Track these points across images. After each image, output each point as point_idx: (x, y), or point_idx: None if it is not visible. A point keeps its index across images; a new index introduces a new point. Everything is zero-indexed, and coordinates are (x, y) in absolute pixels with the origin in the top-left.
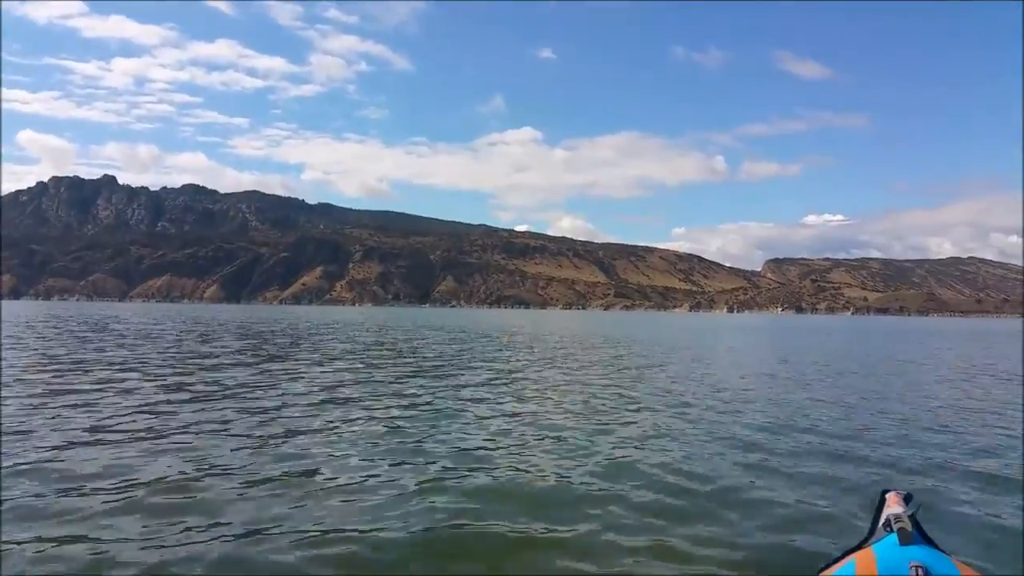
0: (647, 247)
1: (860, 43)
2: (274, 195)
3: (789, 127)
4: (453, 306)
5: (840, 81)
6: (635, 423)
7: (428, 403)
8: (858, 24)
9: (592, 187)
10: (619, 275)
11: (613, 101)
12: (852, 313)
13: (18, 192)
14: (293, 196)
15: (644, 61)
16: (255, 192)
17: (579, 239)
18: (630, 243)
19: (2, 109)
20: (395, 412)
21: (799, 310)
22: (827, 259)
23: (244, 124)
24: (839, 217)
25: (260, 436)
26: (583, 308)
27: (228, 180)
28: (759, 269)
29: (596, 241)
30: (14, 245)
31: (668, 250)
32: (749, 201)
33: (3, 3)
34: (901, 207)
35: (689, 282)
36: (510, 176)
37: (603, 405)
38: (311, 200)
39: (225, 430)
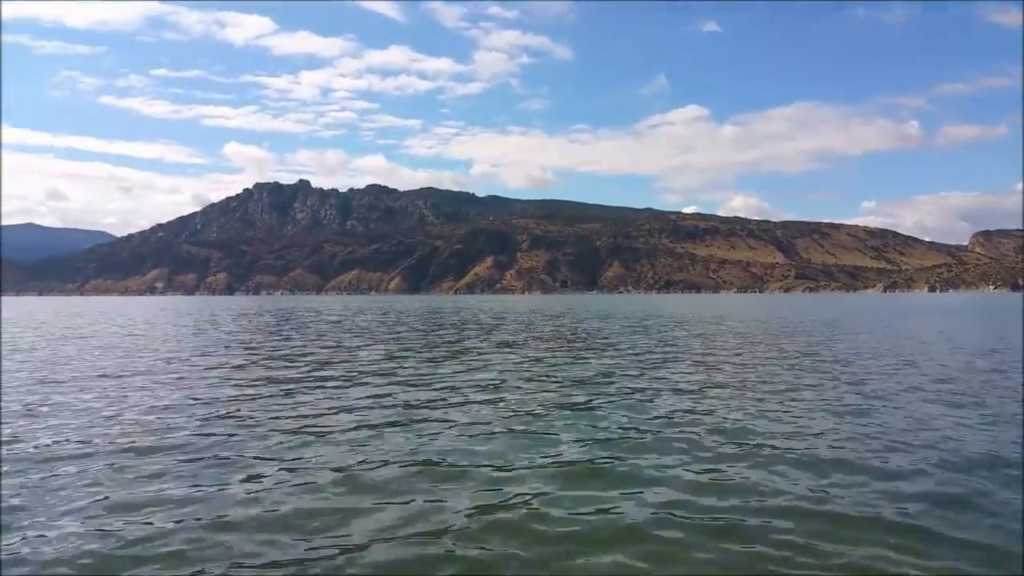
0: (832, 224)
1: None
2: (447, 190)
3: (993, 84)
4: (620, 292)
5: None
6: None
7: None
8: None
9: (764, 163)
10: (800, 255)
11: (784, 71)
12: None
13: (228, 199)
14: (464, 190)
15: (819, 25)
16: (430, 188)
17: (753, 218)
18: (812, 220)
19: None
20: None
21: (1016, 287)
22: None
23: (417, 125)
24: None
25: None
26: (760, 291)
27: (404, 178)
28: (965, 243)
29: (772, 220)
30: (227, 246)
31: (857, 226)
32: (949, 169)
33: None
34: None
35: (882, 260)
36: (675, 157)
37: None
38: (480, 193)
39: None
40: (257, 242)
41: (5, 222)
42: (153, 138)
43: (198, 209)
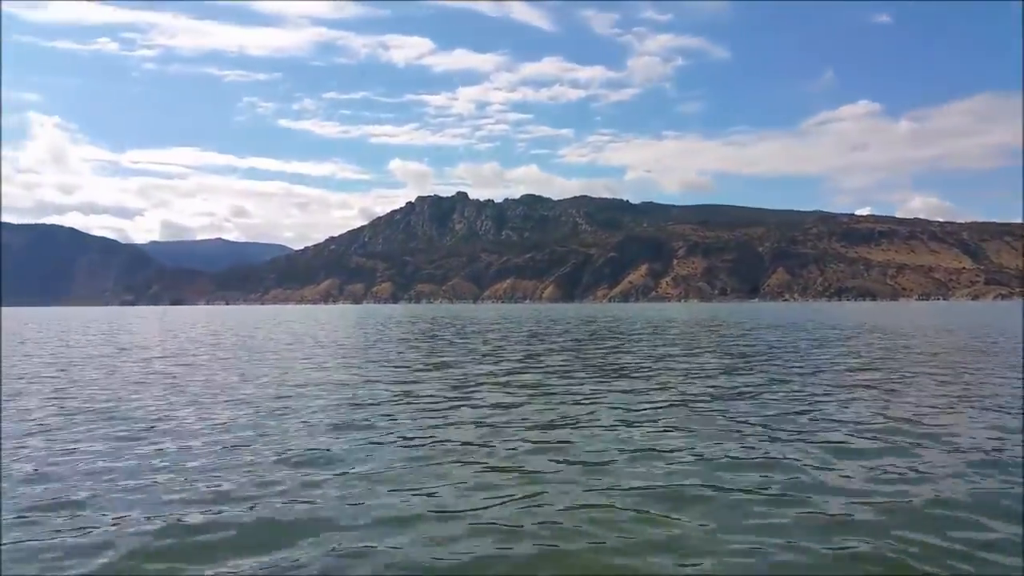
0: None
1: None
2: (600, 198)
3: None
4: (786, 300)
5: None
6: None
7: None
8: None
9: (945, 160)
10: (990, 258)
11: (965, 61)
12: None
13: (393, 212)
14: (617, 197)
15: (1003, 8)
16: (584, 197)
17: (935, 219)
18: (1003, 220)
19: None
20: None
21: None
22: None
23: (569, 134)
24: None
25: None
26: (944, 298)
27: (558, 187)
28: None
29: (957, 221)
30: (391, 257)
31: None
32: None
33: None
34: None
35: None
36: (845, 156)
37: None
38: (634, 200)
39: None
40: (418, 253)
41: (198, 237)
42: (325, 157)
43: (365, 222)
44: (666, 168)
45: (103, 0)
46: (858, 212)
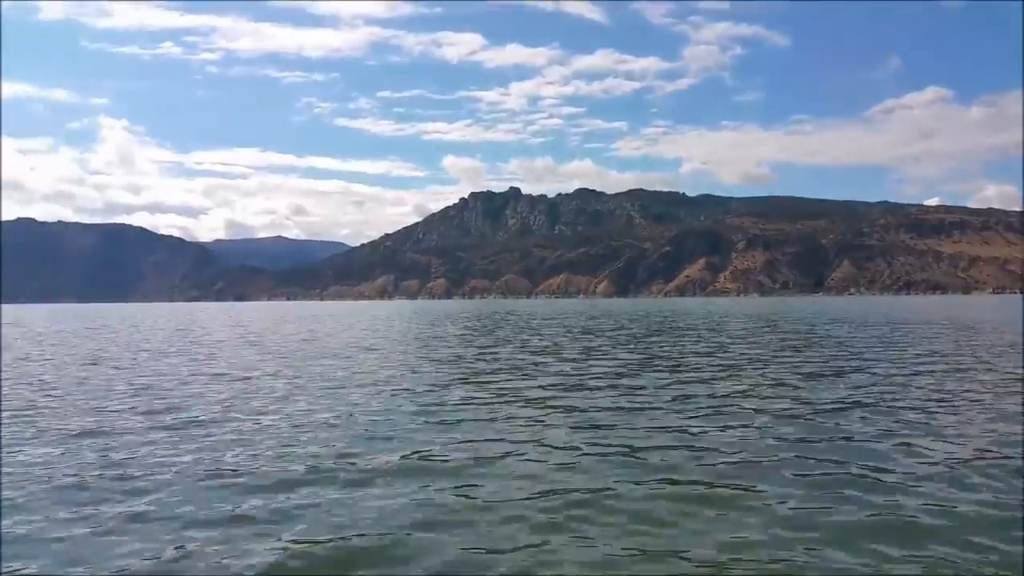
0: None
1: None
2: (655, 191)
3: None
4: (851, 294)
5: None
6: None
7: None
8: None
9: (1020, 147)
10: None
11: None
12: None
13: (446, 208)
14: (673, 190)
15: None
16: (638, 190)
17: (1012, 209)
18: None
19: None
20: None
21: None
22: None
23: (623, 127)
24: None
25: None
26: (1021, 292)
27: (612, 181)
28: None
29: None
30: (445, 254)
31: None
32: None
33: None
34: None
35: None
36: (913, 144)
37: None
38: (691, 193)
39: None
40: (472, 248)
41: (260, 235)
42: (380, 155)
43: (419, 219)
44: (724, 159)
45: (166, 5)
46: (927, 202)
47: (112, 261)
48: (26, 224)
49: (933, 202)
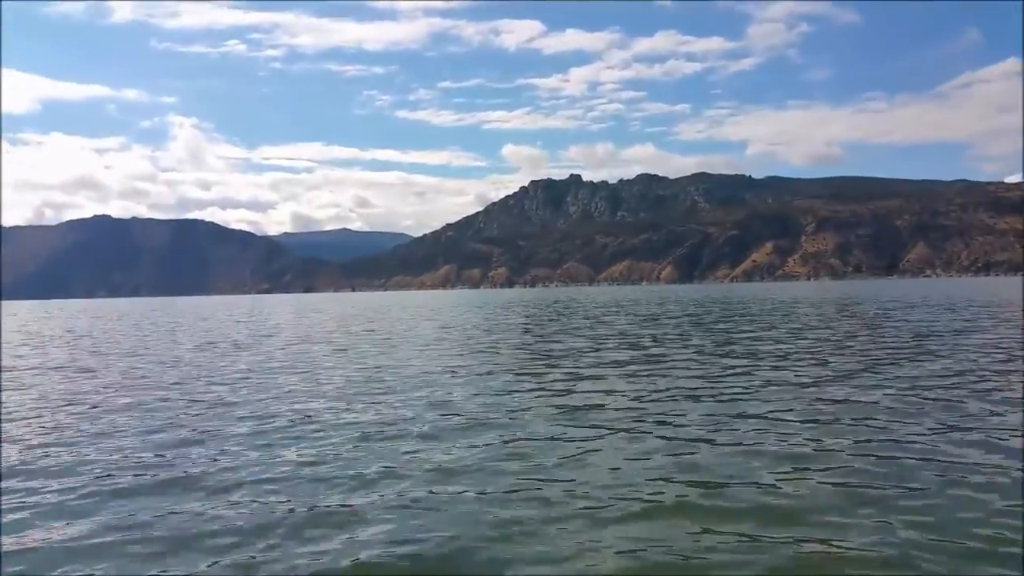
0: None
1: None
2: (720, 174)
3: None
4: (927, 276)
5: None
6: None
7: None
8: None
9: None
10: None
11: None
12: None
13: (507, 197)
14: (738, 173)
15: None
16: (702, 174)
17: None
18: None
19: None
20: None
21: None
22: None
23: (686, 110)
24: None
25: None
26: None
27: (674, 165)
28: None
29: None
30: (506, 242)
31: None
32: None
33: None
34: None
35: None
36: (992, 120)
37: None
38: (757, 175)
39: None
40: (533, 237)
41: (326, 228)
42: (441, 146)
43: (480, 208)
44: (791, 140)
45: (231, 4)
46: (1007, 180)
47: (185, 255)
48: (103, 221)
49: (1015, 179)
